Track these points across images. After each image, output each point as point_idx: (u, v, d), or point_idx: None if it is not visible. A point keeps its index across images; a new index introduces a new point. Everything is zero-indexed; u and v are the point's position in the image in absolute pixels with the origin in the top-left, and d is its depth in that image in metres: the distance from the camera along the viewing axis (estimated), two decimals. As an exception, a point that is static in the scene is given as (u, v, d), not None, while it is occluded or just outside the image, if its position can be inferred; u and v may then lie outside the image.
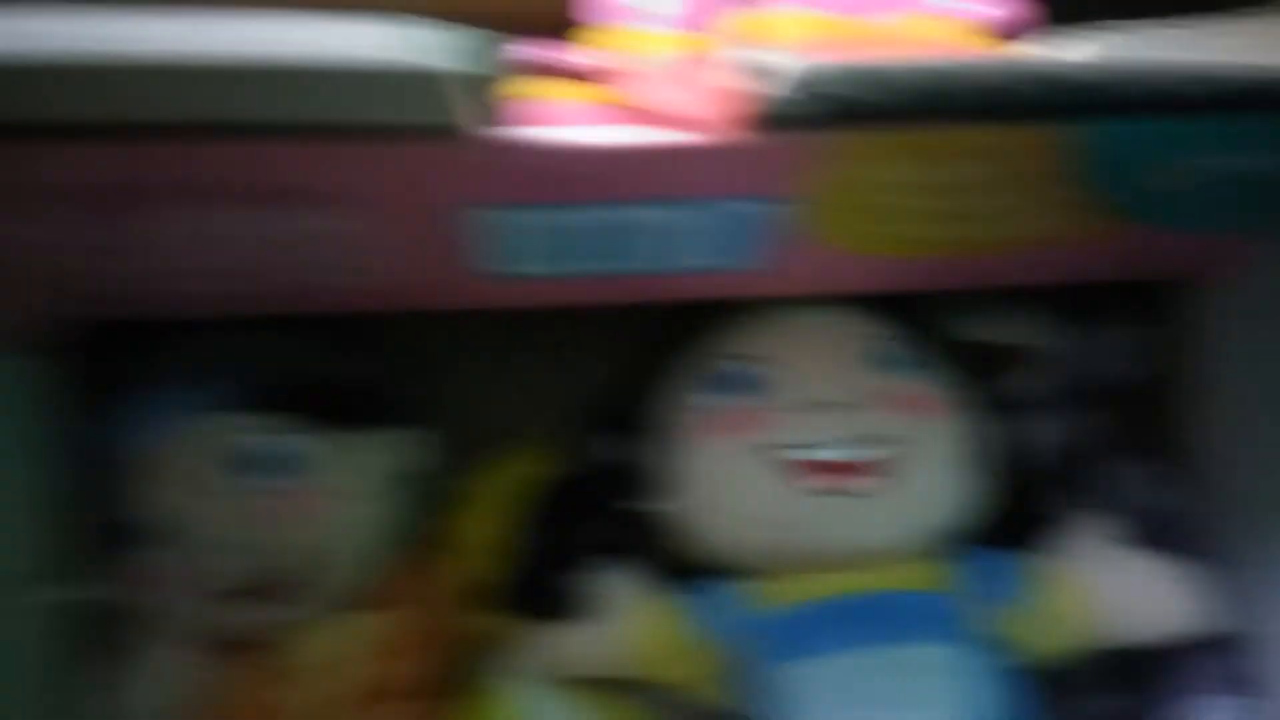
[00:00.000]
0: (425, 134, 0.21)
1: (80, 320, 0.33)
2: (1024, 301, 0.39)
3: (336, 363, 0.40)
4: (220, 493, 0.35)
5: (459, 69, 0.17)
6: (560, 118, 0.23)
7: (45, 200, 0.25)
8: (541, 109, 0.23)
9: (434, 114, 0.20)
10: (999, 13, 0.25)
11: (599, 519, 0.36)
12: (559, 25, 0.24)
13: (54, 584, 0.35)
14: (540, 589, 0.35)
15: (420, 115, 0.20)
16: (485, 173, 0.23)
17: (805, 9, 0.23)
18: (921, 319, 0.37)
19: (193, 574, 0.35)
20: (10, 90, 0.19)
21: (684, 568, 0.35)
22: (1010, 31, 0.25)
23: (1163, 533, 0.36)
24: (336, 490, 0.36)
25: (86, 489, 0.36)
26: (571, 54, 0.24)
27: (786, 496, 0.32)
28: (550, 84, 0.23)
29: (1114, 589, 0.34)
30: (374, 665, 0.37)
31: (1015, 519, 0.35)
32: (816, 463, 0.32)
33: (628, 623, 0.35)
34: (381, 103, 0.19)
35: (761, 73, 0.23)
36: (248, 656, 0.38)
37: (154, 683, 0.38)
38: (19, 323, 0.33)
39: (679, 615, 0.34)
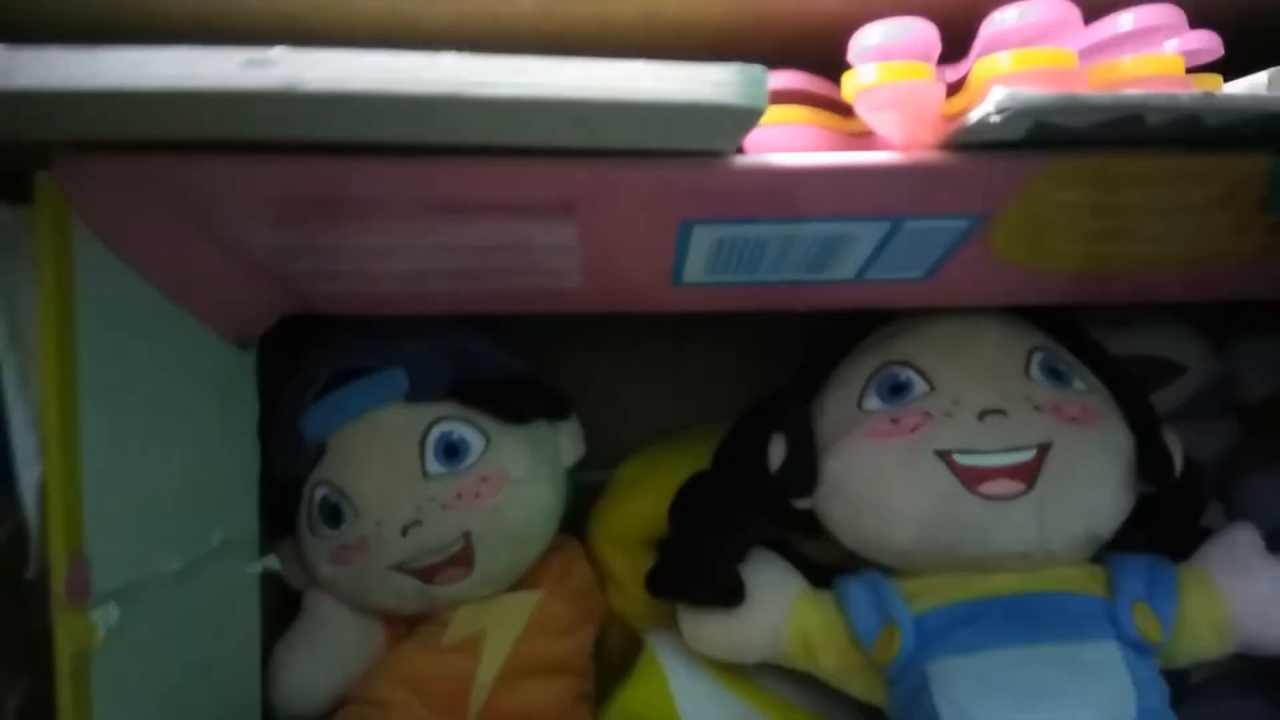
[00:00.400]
0: (685, 157, 0.23)
1: (299, 316, 0.36)
2: (1176, 316, 0.41)
3: (508, 358, 0.42)
4: (399, 476, 0.38)
5: (737, 103, 0.19)
6: (786, 141, 0.25)
7: (287, 209, 0.28)
8: (772, 133, 0.25)
9: (708, 141, 0.22)
10: (1192, 47, 0.26)
11: (756, 512, 0.38)
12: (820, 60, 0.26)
13: (260, 555, 0.38)
14: (696, 576, 0.37)
15: (696, 143, 0.22)
16: (710, 190, 0.25)
17: (1024, 49, 0.25)
18: (1081, 331, 0.38)
19: (370, 550, 0.38)
20: (289, 114, 0.21)
21: (840, 562, 0.37)
22: (1202, 65, 0.27)
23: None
24: (506, 477, 0.39)
25: (280, 468, 0.39)
26: (805, 81, 0.26)
27: (950, 500, 0.34)
28: (787, 110, 0.26)
29: (1257, 598, 0.34)
30: (530, 642, 0.40)
31: (1164, 527, 0.36)
32: (980, 468, 0.34)
33: (780, 612, 0.36)
34: (665, 132, 0.21)
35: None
36: (414, 629, 0.41)
37: (328, 649, 0.41)
38: (249, 319, 0.36)
39: (832, 607, 0.36)
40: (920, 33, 0.24)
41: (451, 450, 0.39)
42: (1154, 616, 0.33)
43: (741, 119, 0.20)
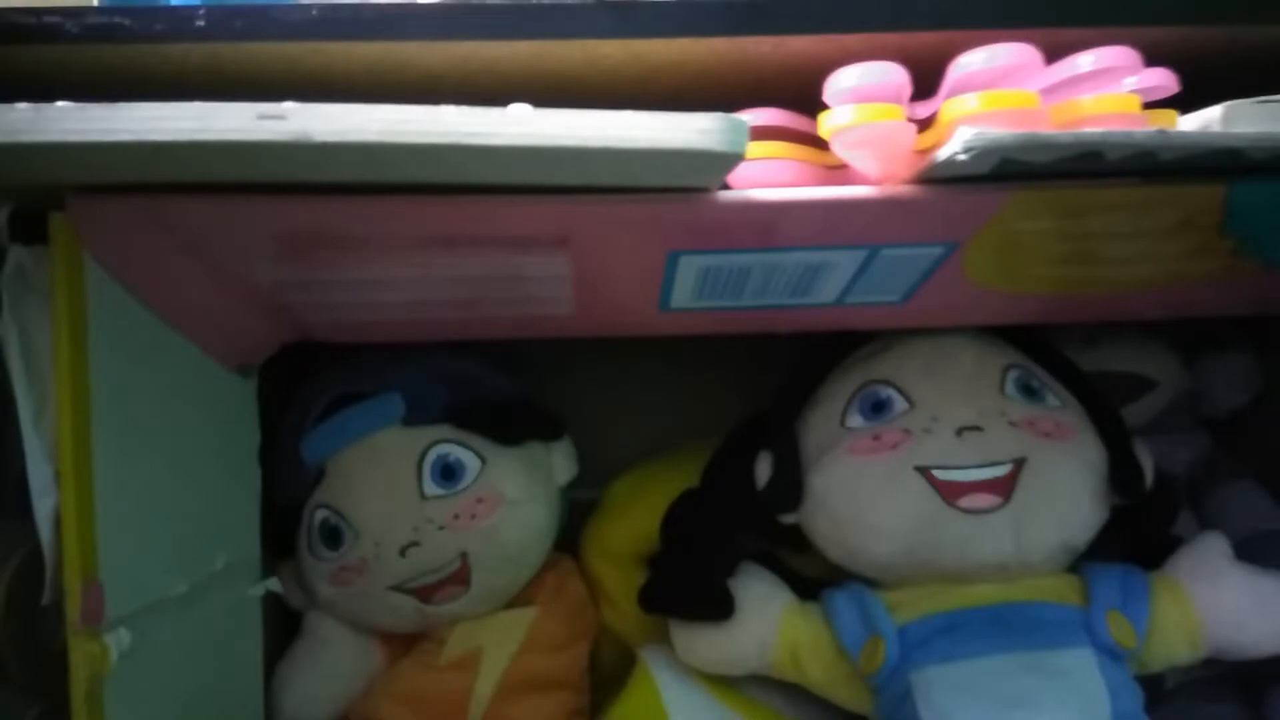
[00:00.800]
0: (673, 194, 0.25)
1: (298, 344, 0.37)
2: (1146, 334, 0.42)
3: (502, 381, 0.43)
4: (397, 498, 0.39)
5: (720, 150, 0.21)
6: (767, 176, 0.27)
7: (290, 246, 0.29)
8: (754, 168, 0.26)
9: (693, 181, 0.24)
10: (1148, 84, 0.28)
11: (744, 527, 0.39)
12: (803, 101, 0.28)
13: (262, 577, 0.39)
14: (687, 591, 0.38)
15: (683, 182, 0.23)
16: (696, 224, 0.27)
17: (991, 91, 0.26)
18: (1054, 349, 0.39)
19: (369, 571, 0.39)
20: (320, 160, 0.22)
21: (826, 575, 0.38)
22: (1158, 100, 0.28)
23: (1273, 551, 0.37)
24: (501, 497, 0.40)
25: (280, 492, 0.40)
26: (785, 118, 0.28)
27: (930, 514, 0.35)
28: (767, 145, 0.27)
29: (1227, 605, 0.35)
30: (525, 658, 0.41)
31: (1137, 537, 0.38)
32: (958, 483, 0.35)
33: (768, 625, 0.37)
34: (654, 174, 0.22)
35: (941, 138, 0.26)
36: (412, 647, 0.42)
37: (328, 668, 0.42)
38: (251, 349, 0.37)
39: (819, 620, 0.37)
40: (892, 76, 0.25)
41: (448, 472, 0.40)
42: (1128, 624, 0.35)
43: (724, 162, 0.22)
